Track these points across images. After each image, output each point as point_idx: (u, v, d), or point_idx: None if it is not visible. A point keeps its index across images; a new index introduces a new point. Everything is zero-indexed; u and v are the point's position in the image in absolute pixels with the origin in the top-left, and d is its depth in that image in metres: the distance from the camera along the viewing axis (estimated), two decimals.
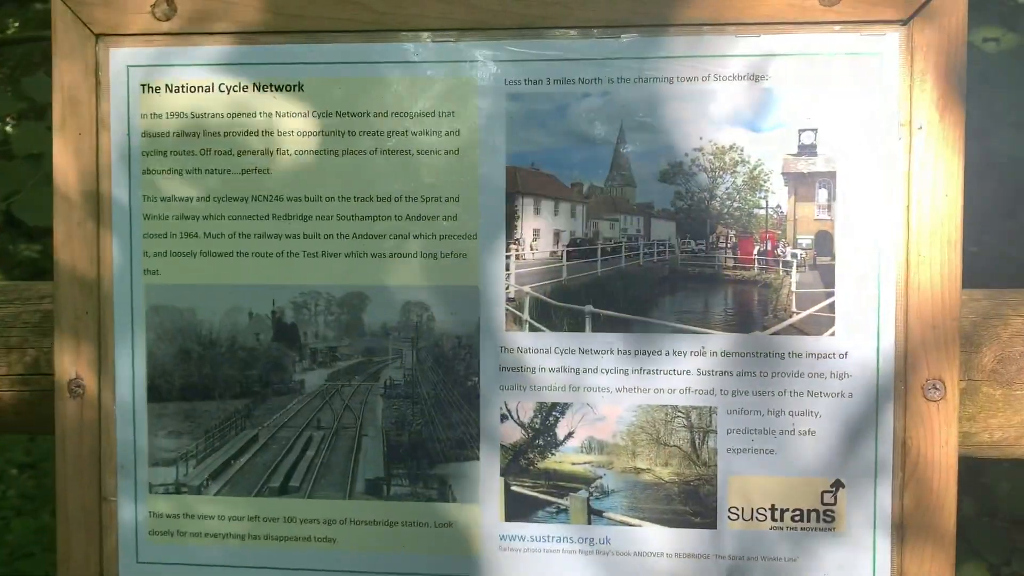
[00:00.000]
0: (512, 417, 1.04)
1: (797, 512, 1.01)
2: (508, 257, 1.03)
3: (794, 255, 1.00)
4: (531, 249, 1.03)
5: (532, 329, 1.03)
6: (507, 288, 1.03)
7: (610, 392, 1.03)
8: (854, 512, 1.01)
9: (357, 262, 1.05)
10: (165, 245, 1.07)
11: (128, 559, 1.08)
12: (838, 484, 1.01)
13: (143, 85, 1.06)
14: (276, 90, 1.05)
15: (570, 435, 1.03)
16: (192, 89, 1.05)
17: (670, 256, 1.02)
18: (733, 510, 1.02)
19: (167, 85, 1.06)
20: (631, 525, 1.03)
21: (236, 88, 1.05)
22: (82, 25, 1.06)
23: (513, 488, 1.04)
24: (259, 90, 1.05)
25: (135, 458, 1.08)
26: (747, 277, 1.01)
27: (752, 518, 1.02)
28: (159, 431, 1.07)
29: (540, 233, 1.03)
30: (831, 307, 0.99)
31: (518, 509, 1.04)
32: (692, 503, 1.02)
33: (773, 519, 1.01)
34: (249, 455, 1.07)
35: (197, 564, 1.08)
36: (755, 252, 1.01)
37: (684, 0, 1.00)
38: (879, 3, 0.98)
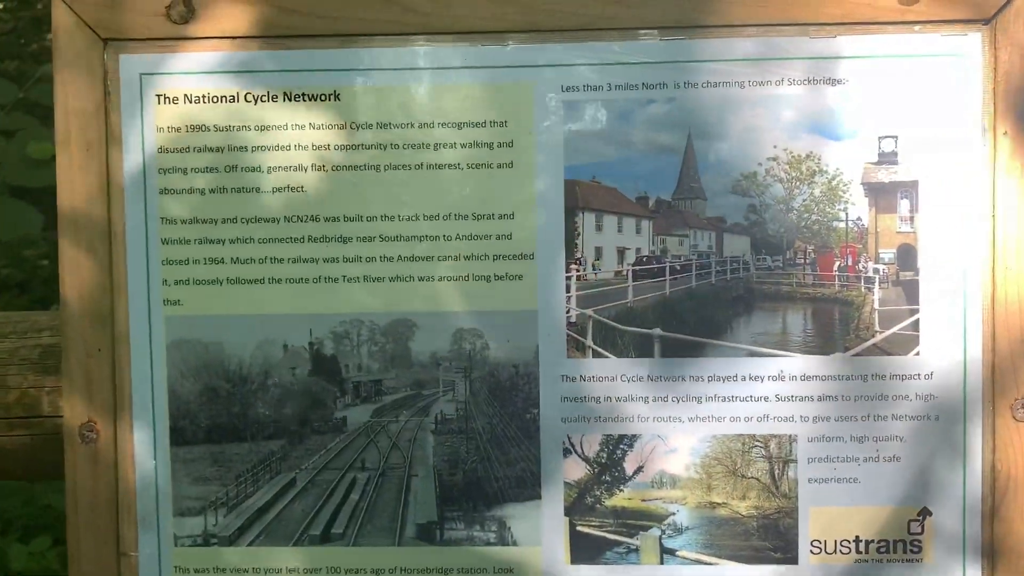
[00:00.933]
0: (576, 451, 0.96)
1: (883, 543, 0.95)
2: (568, 278, 0.95)
3: (876, 271, 0.94)
4: (593, 269, 0.95)
5: (596, 356, 0.95)
6: (568, 312, 0.95)
7: (682, 422, 0.95)
8: (942, 541, 0.95)
9: (403, 286, 0.96)
10: (187, 272, 0.96)
11: None
12: (925, 512, 0.95)
13: (159, 95, 0.95)
14: (310, 100, 0.95)
15: (639, 469, 0.96)
16: (215, 99, 0.95)
17: (744, 274, 0.95)
18: (815, 543, 0.95)
19: (186, 95, 0.95)
20: (707, 564, 0.95)
21: (264, 98, 0.95)
22: (88, 29, 0.95)
23: (578, 528, 0.96)
24: (291, 100, 0.95)
25: (157, 508, 0.98)
26: (827, 295, 0.94)
27: (835, 551, 0.95)
28: (184, 478, 0.97)
29: (603, 251, 0.95)
30: (915, 325, 0.93)
31: (584, 550, 0.96)
32: (772, 538, 0.95)
33: (857, 551, 0.95)
34: (286, 501, 0.97)
35: None
36: (835, 268, 0.95)
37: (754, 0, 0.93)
38: (960, 2, 0.92)
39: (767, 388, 0.95)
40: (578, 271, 0.95)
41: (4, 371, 1.05)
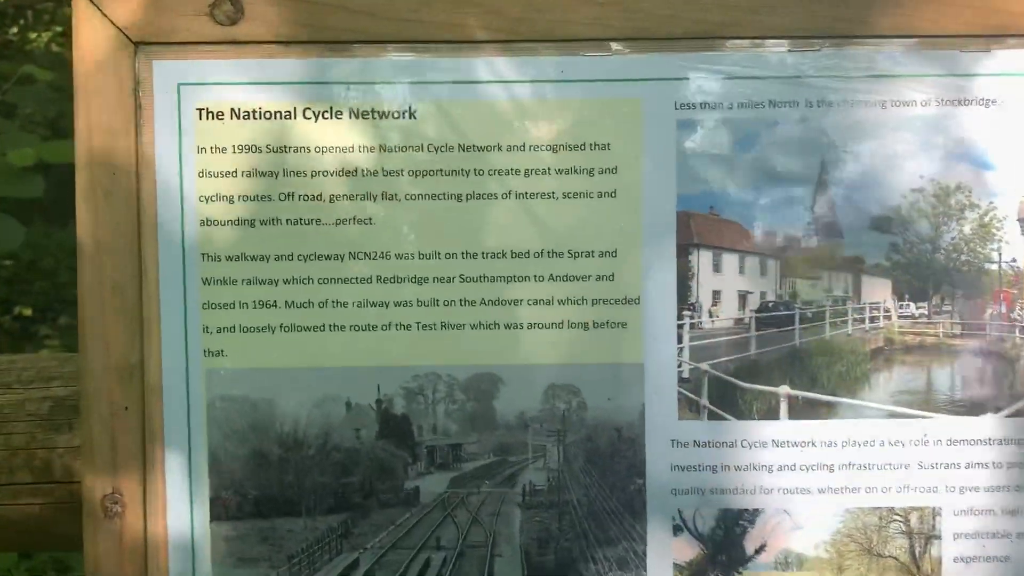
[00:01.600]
0: (688, 528, 0.82)
1: None
2: (681, 327, 0.81)
3: None
4: (710, 316, 0.82)
5: (712, 417, 0.82)
6: (680, 366, 0.82)
7: (811, 493, 0.82)
8: None
9: (487, 335, 0.82)
10: (232, 318, 0.82)
11: None
12: None
13: (200, 109, 0.81)
14: (380, 117, 0.81)
15: (761, 548, 0.82)
16: (267, 115, 0.81)
17: (884, 323, 0.82)
18: None
19: (233, 109, 0.81)
20: None
21: (327, 114, 0.81)
22: (115, 30, 0.80)
23: None
24: (357, 117, 0.81)
25: None
26: (978, 347, 0.82)
27: None
28: (227, 559, 0.83)
29: (722, 296, 0.82)
30: None
31: None
32: None
33: None
34: None
35: None
36: (987, 316, 0.82)
37: (897, 7, 0.80)
38: None
39: (909, 454, 0.82)
40: (692, 318, 0.82)
41: (8, 428, 0.90)
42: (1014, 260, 0.82)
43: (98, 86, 0.81)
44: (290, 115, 0.81)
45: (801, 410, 0.82)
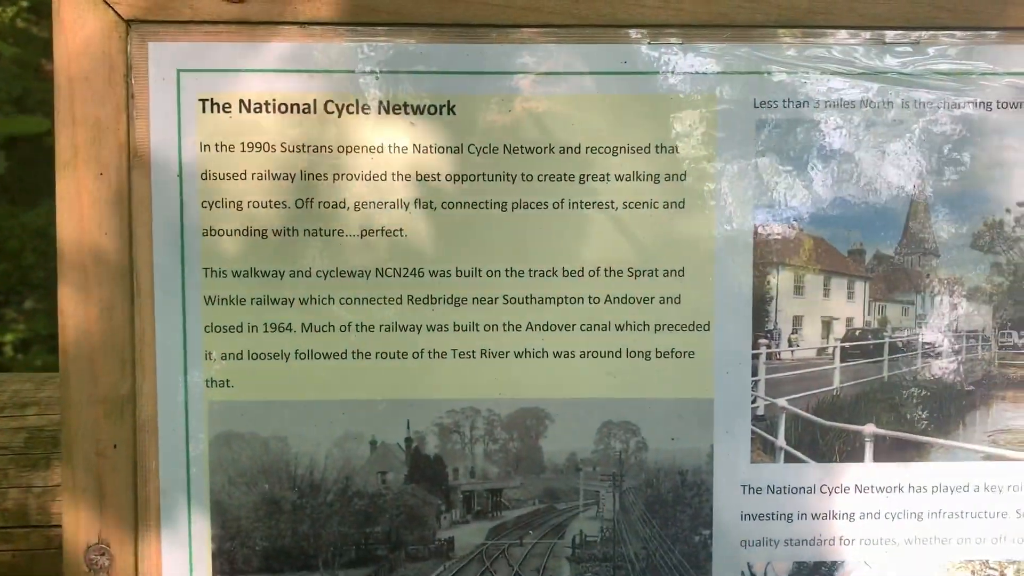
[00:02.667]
0: None
1: None
2: (756, 357, 0.72)
3: None
4: (790, 345, 0.72)
5: (789, 459, 0.72)
6: (754, 402, 0.72)
7: (897, 544, 0.73)
8: None
9: (533, 365, 0.71)
10: (239, 343, 0.71)
11: None
12: None
13: (203, 100, 0.69)
14: (414, 112, 0.70)
15: None
16: (282, 108, 0.69)
17: (984, 353, 0.73)
18: None
19: (242, 101, 0.69)
20: None
21: (352, 108, 0.70)
22: (104, 5, 0.68)
23: None
24: (388, 111, 0.70)
25: None
26: None
27: None
28: None
29: (803, 321, 0.72)
30: None
31: None
32: None
33: None
34: None
35: None
36: None
37: None
38: None
39: (1006, 501, 0.73)
40: (769, 347, 0.72)
41: None
42: None
43: (83, 71, 0.69)
44: (309, 108, 0.70)
45: (888, 451, 0.72)
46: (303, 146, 0.70)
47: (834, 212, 0.71)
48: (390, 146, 0.70)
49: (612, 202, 0.71)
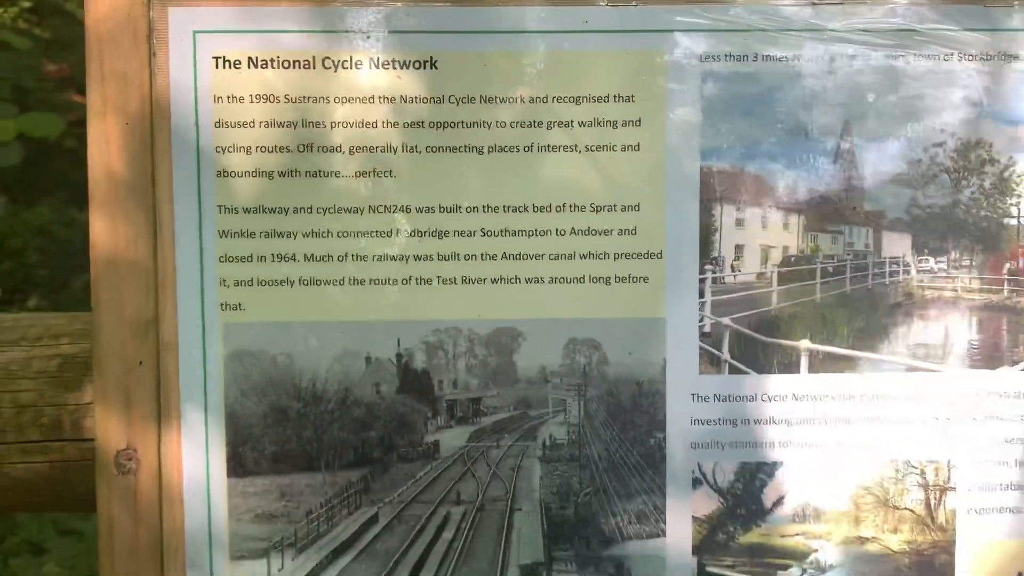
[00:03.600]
0: (707, 482, 0.83)
1: None
2: (703, 281, 0.81)
3: None
4: (732, 271, 0.82)
5: (733, 371, 0.82)
6: (701, 320, 0.81)
7: (829, 447, 0.83)
8: None
9: (508, 290, 0.81)
10: (250, 271, 0.80)
11: None
12: None
13: (216, 58, 0.79)
14: (401, 67, 0.80)
15: (779, 502, 0.83)
16: (285, 64, 0.79)
17: (904, 277, 0.82)
18: None
19: (251, 59, 0.79)
20: None
21: (347, 64, 0.79)
22: None
23: (708, 569, 0.83)
24: (378, 67, 0.80)
25: (211, 551, 0.82)
26: (995, 302, 0.83)
27: None
28: (244, 515, 0.82)
29: (744, 250, 0.82)
30: None
31: None
32: (925, 575, 0.84)
33: None
34: (367, 541, 0.82)
35: None
36: (1005, 271, 0.83)
37: None
38: None
39: (926, 408, 0.83)
40: (714, 273, 0.81)
41: (15, 386, 0.88)
42: None
43: (111, 33, 0.79)
44: (309, 64, 0.79)
45: (821, 364, 0.82)
46: (304, 97, 0.80)
47: (771, 154, 0.81)
48: (380, 97, 0.80)
49: (575, 145, 0.81)
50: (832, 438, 0.83)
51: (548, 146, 0.81)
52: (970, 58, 0.81)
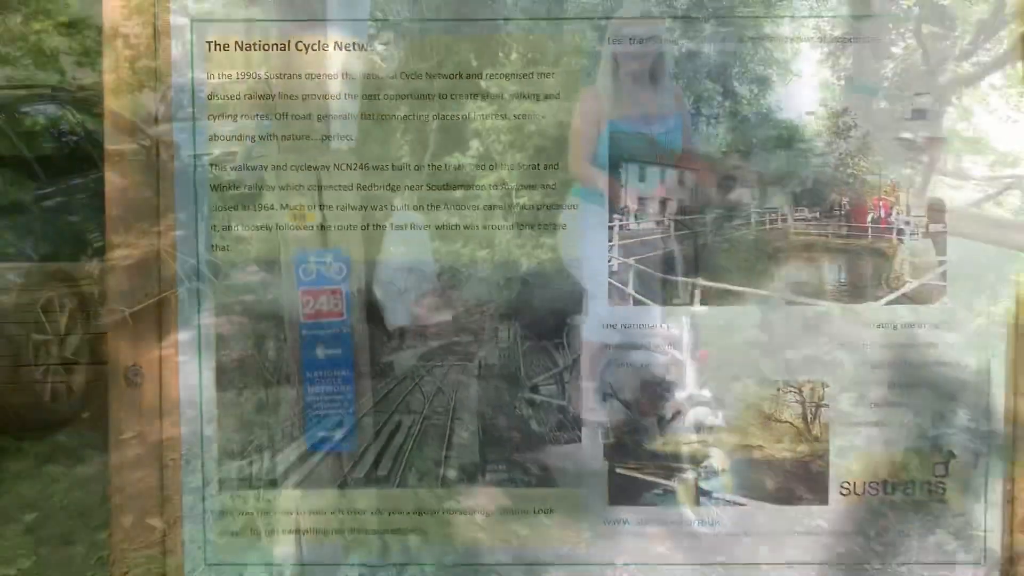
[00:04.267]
0: (617, 397, 0.98)
1: (908, 485, 0.99)
2: (612, 228, 0.97)
3: (907, 223, 0.97)
4: (636, 219, 0.98)
5: (637, 303, 0.98)
6: (610, 261, 0.97)
7: (722, 368, 0.98)
8: (966, 483, 0.99)
9: (452, 235, 0.98)
10: (236, 218, 0.97)
11: (195, 562, 0.99)
12: (949, 455, 0.99)
13: (210, 42, 0.96)
14: (362, 49, 0.96)
15: (678, 414, 0.98)
16: (264, 47, 0.96)
17: (783, 224, 0.98)
18: (844, 485, 0.99)
19: (237, 42, 0.96)
20: (740, 505, 0.99)
21: (315, 46, 0.96)
22: None
23: (618, 471, 0.99)
24: (342, 48, 0.96)
25: (202, 452, 0.99)
26: (861, 246, 0.98)
27: (864, 492, 0.99)
28: (229, 422, 0.99)
29: (647, 203, 0.98)
30: (943, 276, 0.97)
31: (623, 492, 0.99)
32: (803, 480, 0.99)
33: (885, 492, 0.99)
34: (332, 444, 0.99)
35: (274, 564, 1.00)
36: (868, 219, 0.98)
37: None
38: None
39: (803, 336, 0.98)
40: (621, 221, 0.97)
41: (48, 318, 1.06)
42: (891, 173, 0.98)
43: (125, 19, 0.96)
44: (285, 47, 0.96)
45: (712, 298, 0.98)
46: (280, 74, 0.96)
47: (669, 120, 0.97)
48: (343, 74, 0.96)
49: (506, 114, 0.97)
50: (724, 360, 0.98)
51: (484, 115, 0.97)
52: (838, 41, 0.96)
